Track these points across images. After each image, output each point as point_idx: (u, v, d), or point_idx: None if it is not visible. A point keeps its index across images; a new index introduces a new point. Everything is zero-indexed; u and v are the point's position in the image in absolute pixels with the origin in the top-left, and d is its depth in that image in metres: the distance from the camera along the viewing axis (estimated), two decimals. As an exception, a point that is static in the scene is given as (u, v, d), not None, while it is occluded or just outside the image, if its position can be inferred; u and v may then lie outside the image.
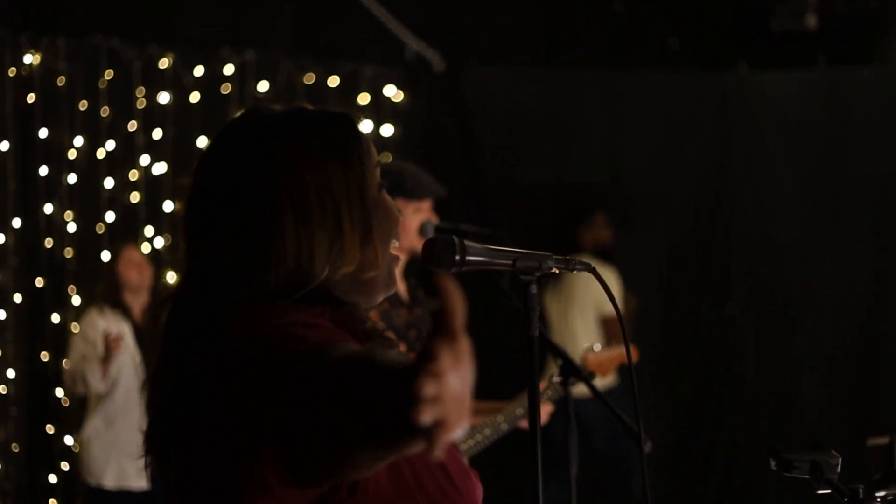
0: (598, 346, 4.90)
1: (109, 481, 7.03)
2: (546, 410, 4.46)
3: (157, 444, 2.01)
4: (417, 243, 4.54)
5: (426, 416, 1.39)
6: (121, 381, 7.03)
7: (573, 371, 4.04)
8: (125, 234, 7.85)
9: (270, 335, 1.86)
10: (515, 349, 5.07)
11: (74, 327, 7.57)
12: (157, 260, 7.94)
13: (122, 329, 7.07)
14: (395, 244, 2.12)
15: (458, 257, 2.36)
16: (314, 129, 2.05)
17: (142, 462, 2.04)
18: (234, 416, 1.82)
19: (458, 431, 1.42)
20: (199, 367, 1.91)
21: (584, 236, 8.30)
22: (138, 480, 7.00)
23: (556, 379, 4.11)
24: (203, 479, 1.88)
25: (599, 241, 8.31)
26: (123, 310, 7.19)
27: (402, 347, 4.28)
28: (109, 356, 6.88)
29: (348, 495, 1.83)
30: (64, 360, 7.39)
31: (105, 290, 7.23)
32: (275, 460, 1.76)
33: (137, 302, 7.26)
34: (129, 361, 7.04)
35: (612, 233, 8.39)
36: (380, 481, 1.86)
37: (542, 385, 4.21)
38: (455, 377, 1.40)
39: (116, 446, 6.99)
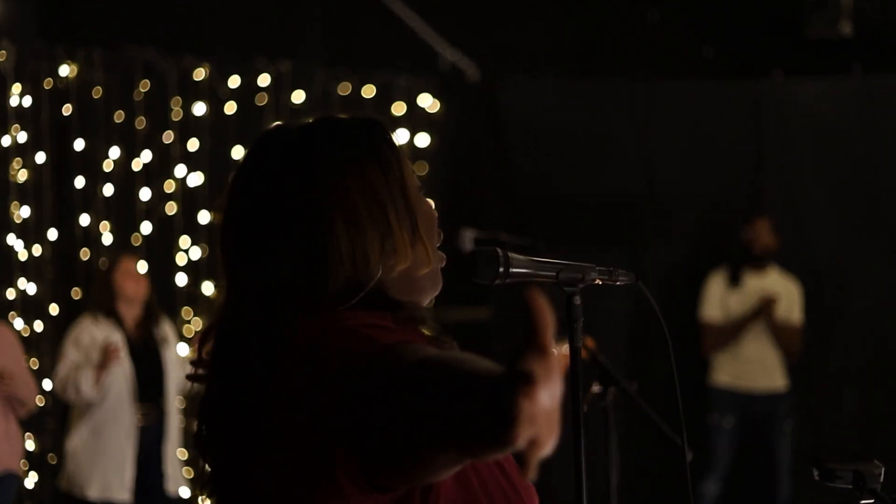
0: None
1: (94, 493, 6.85)
2: None
3: (216, 463, 2.00)
4: None
5: (522, 437, 1.40)
6: (111, 392, 6.90)
7: (613, 381, 4.04)
8: (161, 245, 7.88)
9: (340, 339, 1.86)
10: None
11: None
12: (195, 271, 7.98)
13: (116, 338, 6.98)
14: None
15: (501, 269, 2.34)
16: (346, 134, 2.06)
17: (125, 474, 2.03)
18: (306, 421, 1.81)
19: (550, 448, 1.42)
20: (264, 377, 1.91)
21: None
22: (122, 493, 6.84)
23: (597, 389, 4.10)
24: (270, 486, 1.88)
25: (753, 248, 8.25)
26: (117, 319, 7.07)
27: None
28: (107, 364, 6.78)
29: (420, 502, 1.83)
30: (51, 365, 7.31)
31: (100, 298, 7.14)
32: (350, 463, 1.75)
33: (131, 313, 7.14)
34: (120, 372, 6.92)
35: (772, 238, 8.29)
36: (449, 490, 1.86)
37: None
38: (547, 395, 1.41)
39: (102, 458, 6.85)
